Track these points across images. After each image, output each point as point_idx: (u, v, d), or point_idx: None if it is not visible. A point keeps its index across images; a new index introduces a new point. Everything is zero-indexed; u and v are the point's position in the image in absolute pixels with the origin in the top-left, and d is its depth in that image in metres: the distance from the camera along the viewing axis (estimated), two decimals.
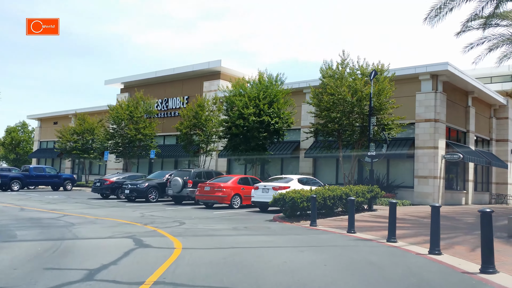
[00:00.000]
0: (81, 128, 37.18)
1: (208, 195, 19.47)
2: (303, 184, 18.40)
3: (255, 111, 25.41)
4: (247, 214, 17.29)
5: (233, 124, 25.88)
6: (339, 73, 23.15)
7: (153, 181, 22.93)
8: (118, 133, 33.58)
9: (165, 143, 38.78)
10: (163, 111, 38.72)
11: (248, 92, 26.34)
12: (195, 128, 29.77)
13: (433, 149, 25.03)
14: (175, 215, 16.27)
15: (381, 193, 18.60)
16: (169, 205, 21.39)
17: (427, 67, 25.41)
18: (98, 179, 24.85)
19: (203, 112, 29.70)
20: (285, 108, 26.59)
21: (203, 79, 36.01)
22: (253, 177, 21.56)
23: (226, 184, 19.52)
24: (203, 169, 23.73)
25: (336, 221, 14.97)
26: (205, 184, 19.83)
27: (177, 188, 21.39)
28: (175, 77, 37.92)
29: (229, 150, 28.00)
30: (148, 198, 22.30)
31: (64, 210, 17.39)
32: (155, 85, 39.52)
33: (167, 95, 38.69)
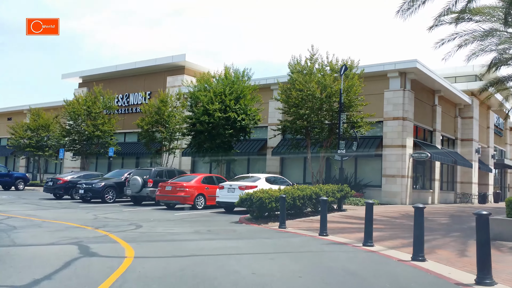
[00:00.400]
0: (36, 124, 34.90)
1: (169, 195, 18.16)
2: (271, 183, 17.40)
3: (220, 107, 24.25)
4: (211, 216, 16.11)
5: (198, 120, 24.63)
6: (308, 68, 22.30)
7: (110, 181, 21.38)
8: (75, 129, 31.62)
9: (126, 141, 37.01)
10: (124, 107, 36.93)
11: (214, 88, 25.14)
12: (157, 124, 28.30)
13: (401, 148, 24.58)
14: (132, 217, 14.92)
15: (351, 193, 17.82)
16: (128, 206, 19.93)
17: (395, 64, 24.95)
18: (50, 178, 23.03)
19: (166, 108, 28.25)
20: (252, 104, 25.56)
21: (167, 74, 34.49)
22: (219, 176, 20.40)
23: (189, 183, 18.27)
24: (165, 167, 22.36)
25: (306, 222, 14.02)
26: (166, 184, 18.51)
27: (136, 187, 19.96)
28: (137, 71, 36.20)
29: (193, 148, 26.71)
30: (104, 198, 20.75)
31: (9, 211, 15.70)
32: (116, 80, 37.65)
33: (129, 90, 36.93)
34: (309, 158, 23.02)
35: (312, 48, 22.46)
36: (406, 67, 24.60)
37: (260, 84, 27.75)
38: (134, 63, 35.70)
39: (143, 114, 29.29)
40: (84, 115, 31.13)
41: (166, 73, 34.56)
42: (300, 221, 14.12)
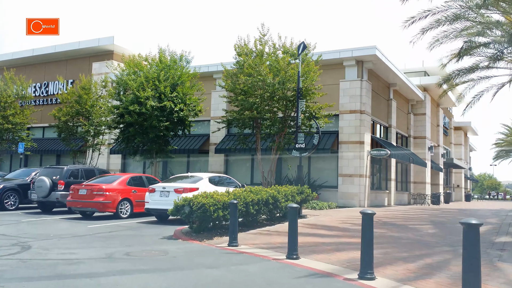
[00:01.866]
0: None
1: (84, 200, 14.09)
2: (215, 185, 13.89)
3: (154, 94, 20.37)
4: (137, 228, 12.30)
5: (126, 110, 20.55)
6: (258, 51, 18.98)
7: (12, 182, 16.87)
8: None
9: (45, 136, 31.86)
10: (42, 97, 31.78)
11: (146, 72, 21.19)
12: (78, 116, 23.80)
13: (358, 145, 21.96)
14: (27, 232, 10.83)
15: (312, 195, 14.68)
16: (32, 214, 15.57)
17: (353, 51, 22.31)
18: None
19: (89, 97, 23.83)
20: (191, 93, 21.86)
21: (93, 59, 29.88)
22: (150, 177, 16.53)
23: (110, 185, 14.31)
24: (82, 166, 18.07)
25: (262, 235, 10.65)
26: (79, 186, 14.42)
27: (43, 191, 15.65)
28: (57, 56, 31.21)
29: (121, 144, 22.54)
30: (3, 204, 16.23)
31: None
32: (33, 66, 32.40)
33: (48, 79, 31.82)
34: (258, 155, 19.71)
35: (262, 27, 19.16)
36: (364, 54, 22.01)
37: (201, 72, 24.09)
38: (53, 47, 30.69)
39: (62, 104, 24.70)
40: None
41: (92, 59, 29.96)
42: (255, 234, 10.72)
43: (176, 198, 11.30)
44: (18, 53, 32.42)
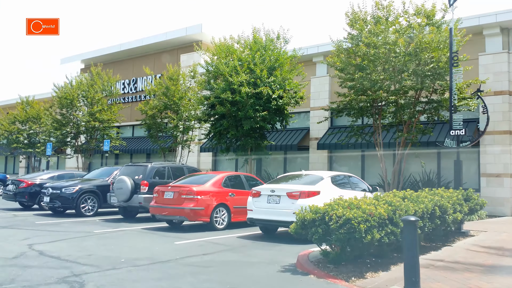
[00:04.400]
0: (25, 116, 28.15)
1: (170, 206, 10.80)
2: (339, 187, 9.87)
3: (248, 79, 16.88)
4: (240, 249, 8.64)
5: (218, 99, 17.31)
6: (378, 17, 14.68)
7: (90, 183, 14.21)
8: (67, 119, 24.71)
9: (135, 135, 29.97)
10: (130, 94, 29.92)
11: (239, 55, 17.78)
12: (166, 110, 21.07)
13: (508, 135, 16.69)
14: (91, 253, 7.66)
15: (481, 202, 10.08)
16: (110, 222, 12.69)
17: (497, 15, 17.07)
18: (12, 180, 15.99)
19: (177, 88, 21.02)
20: (291, 78, 18.10)
21: (180, 51, 27.31)
22: (250, 176, 12.90)
23: (202, 187, 10.89)
24: (169, 163, 14.92)
25: (440, 269, 6.45)
26: (165, 188, 11.17)
27: (123, 194, 12.70)
28: (145, 50, 29.14)
29: (212, 139, 19.38)
30: (80, 209, 13.59)
31: None
32: (122, 62, 30.72)
33: (136, 74, 29.90)
34: (379, 150, 15.39)
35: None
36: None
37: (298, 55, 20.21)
38: (140, 40, 28.64)
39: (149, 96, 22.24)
40: (78, 100, 24.21)
41: (180, 51, 27.40)
42: (426, 268, 6.53)
43: (291, 205, 7.54)
44: (105, 49, 30.92)
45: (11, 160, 40.13)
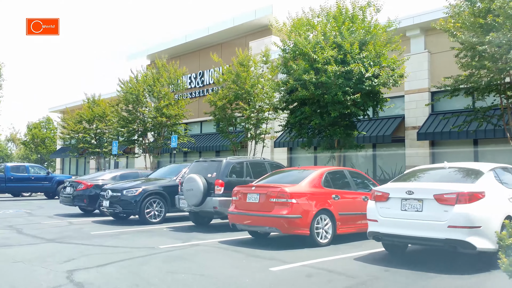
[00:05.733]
0: (91, 114, 26.93)
1: (256, 213, 8.05)
2: (506, 186, 6.55)
3: (336, 55, 13.83)
4: (376, 284, 5.64)
5: (299, 82, 14.41)
6: None
7: (155, 184, 11.86)
8: (134, 116, 22.99)
9: (203, 132, 27.89)
10: (197, 89, 27.87)
11: (322, 27, 14.76)
12: (237, 100, 18.51)
13: None
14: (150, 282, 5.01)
15: None
16: (178, 232, 10.23)
17: None
18: (70, 182, 14.09)
19: (248, 74, 18.40)
20: (385, 52, 14.79)
21: (249, 38, 24.76)
22: (355, 171, 9.82)
23: (296, 187, 8.02)
24: (246, 158, 12.11)
25: None
26: (248, 189, 8.43)
27: (194, 196, 10.16)
28: (211, 40, 26.92)
29: (291, 130, 16.52)
30: (144, 215, 11.27)
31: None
32: (187, 56, 28.77)
33: (202, 67, 27.80)
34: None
35: None
36: None
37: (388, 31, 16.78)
38: (206, 29, 26.46)
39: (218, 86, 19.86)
40: (143, 95, 22.39)
41: (248, 38, 24.86)
42: None
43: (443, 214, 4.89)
44: (170, 42, 29.09)
45: (82, 162, 39.85)
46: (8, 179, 20.41)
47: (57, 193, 21.86)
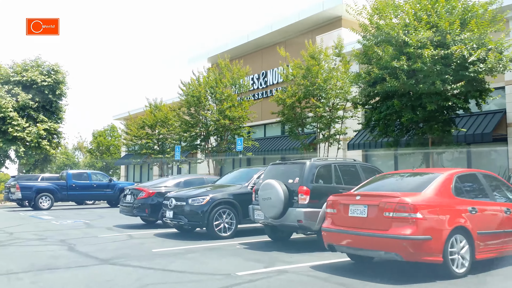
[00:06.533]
0: (153, 120, 26.01)
1: (362, 232, 5.95)
2: None
3: (431, 37, 11.48)
4: None
5: (387, 70, 12.17)
6: None
7: (224, 191, 10.06)
8: (195, 119, 21.65)
9: (267, 135, 26.10)
10: (260, 90, 26.16)
11: (412, 6, 12.43)
12: (308, 97, 16.50)
13: None
14: None
15: None
16: (258, 249, 8.38)
17: None
18: (130, 189, 12.69)
19: (320, 68, 16.35)
20: (489, 31, 12.17)
21: (315, 33, 22.67)
22: (491, 175, 7.36)
23: (421, 197, 5.83)
24: (333, 159, 9.87)
25: None
26: (349, 198, 6.34)
27: (273, 207, 8.25)
28: (274, 38, 25.14)
29: (373, 129, 14.24)
30: (212, 228, 9.50)
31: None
32: (249, 56, 27.16)
33: (265, 67, 26.06)
34: None
35: None
36: None
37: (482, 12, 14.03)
38: (270, 26, 24.72)
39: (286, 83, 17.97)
40: (205, 97, 21.00)
41: (315, 32, 22.77)
42: None
43: None
44: (230, 43, 27.64)
45: (145, 169, 39.48)
46: (70, 187, 19.68)
47: (119, 201, 20.90)
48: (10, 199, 19.94)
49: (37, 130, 28.27)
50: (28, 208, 19.62)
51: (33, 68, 29.57)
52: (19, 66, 29.58)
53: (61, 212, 17.86)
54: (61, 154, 46.34)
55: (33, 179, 20.08)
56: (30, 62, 30.08)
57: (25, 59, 30.28)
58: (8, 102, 27.46)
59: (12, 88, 28.44)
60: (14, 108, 27.91)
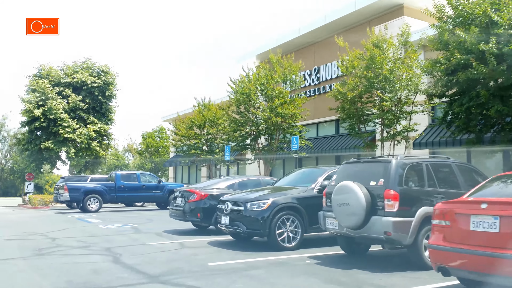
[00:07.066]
0: (201, 119, 25.05)
1: (491, 252, 4.34)
2: None
3: None
4: None
5: (471, 54, 10.36)
6: None
7: (286, 194, 8.64)
8: (245, 118, 20.43)
9: (319, 135, 24.48)
10: (312, 87, 24.59)
11: None
12: (370, 90, 14.82)
13: None
14: None
15: None
16: (334, 266, 6.92)
17: None
18: (181, 191, 11.54)
19: (386, 57, 14.63)
20: None
21: (374, 23, 20.84)
22: None
23: None
24: (423, 157, 8.16)
25: None
26: (470, 207, 4.75)
27: (352, 215, 6.77)
28: (328, 30, 23.50)
29: (450, 124, 12.38)
30: (275, 238, 8.11)
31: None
32: (300, 52, 25.64)
33: (318, 62, 24.46)
34: None
35: None
36: None
37: None
38: (323, 18, 23.11)
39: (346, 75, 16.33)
40: (255, 94, 19.72)
41: (373, 23, 20.94)
42: None
43: None
44: (280, 39, 26.25)
45: (193, 170, 38.81)
46: (118, 188, 18.97)
47: (168, 203, 20.01)
48: (59, 201, 19.53)
49: (87, 132, 28.12)
50: (77, 210, 19.11)
51: (83, 69, 29.52)
52: (70, 68, 29.61)
53: (109, 214, 17.13)
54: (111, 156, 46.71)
55: (82, 180, 19.57)
56: (81, 64, 30.07)
57: (76, 61, 30.33)
58: (59, 103, 27.44)
59: (63, 90, 28.46)
60: (64, 110, 27.88)
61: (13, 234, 10.84)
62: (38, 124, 27.06)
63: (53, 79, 28.87)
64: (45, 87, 27.49)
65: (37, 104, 27.11)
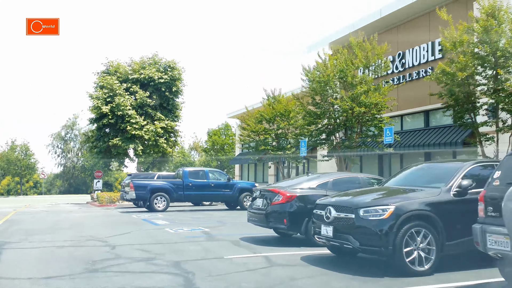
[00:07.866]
0: (272, 113, 23.00)
1: None
2: None
3: None
4: None
5: None
6: None
7: (411, 199, 6.26)
8: (323, 109, 18.12)
9: (403, 128, 21.52)
10: (395, 74, 21.67)
11: None
12: (484, 67, 11.94)
13: None
14: None
15: None
16: None
17: None
18: (261, 191, 9.46)
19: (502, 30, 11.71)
20: None
21: None
22: None
23: None
24: None
25: None
26: None
27: None
28: (414, 9, 20.46)
29: None
30: (401, 257, 5.75)
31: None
32: (381, 36, 22.70)
33: (402, 47, 21.48)
34: None
35: None
36: None
37: None
38: None
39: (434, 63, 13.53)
40: (335, 83, 17.36)
41: None
42: None
43: None
44: (358, 23, 23.46)
45: (260, 168, 36.95)
46: (186, 186, 17.44)
47: (239, 202, 18.21)
48: (125, 199, 18.38)
49: (155, 128, 27.20)
50: (143, 208, 17.83)
51: (150, 65, 28.70)
52: (137, 64, 28.90)
53: (176, 214, 15.59)
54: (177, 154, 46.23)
55: (149, 177, 18.31)
56: (148, 60, 29.29)
57: (143, 57, 29.58)
58: (126, 100, 26.72)
59: (131, 86, 27.76)
60: (132, 106, 27.13)
61: (68, 239, 9.40)
62: (106, 121, 26.52)
63: (121, 75, 28.29)
64: (113, 83, 26.91)
65: (105, 101, 26.59)
